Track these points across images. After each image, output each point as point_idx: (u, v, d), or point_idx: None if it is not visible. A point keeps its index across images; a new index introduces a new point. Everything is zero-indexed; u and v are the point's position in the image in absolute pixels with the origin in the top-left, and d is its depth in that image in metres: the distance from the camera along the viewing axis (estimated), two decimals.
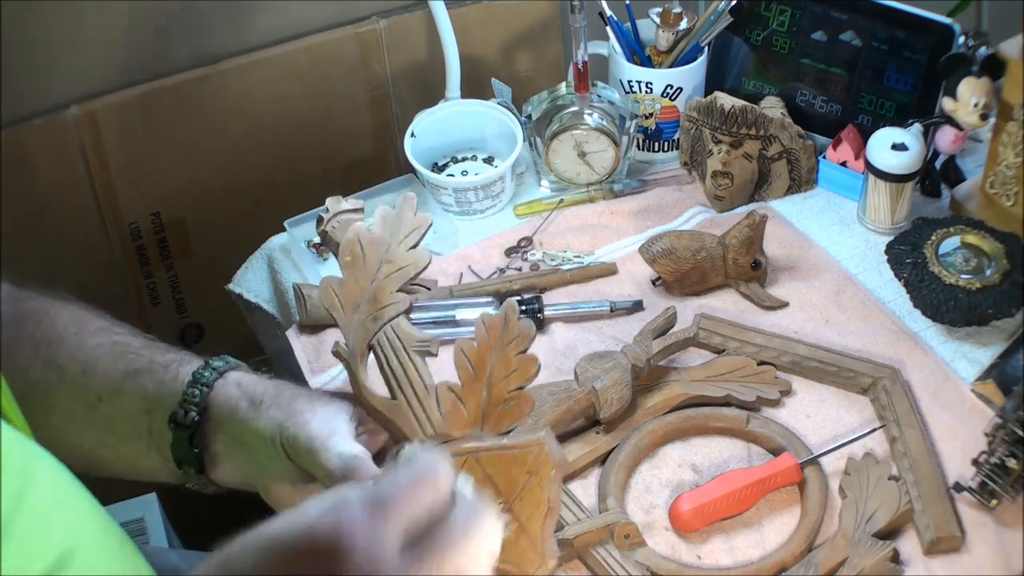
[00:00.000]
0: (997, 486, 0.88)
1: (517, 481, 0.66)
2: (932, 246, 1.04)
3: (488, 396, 0.67)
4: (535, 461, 0.66)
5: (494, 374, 0.68)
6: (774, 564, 0.86)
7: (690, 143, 1.19)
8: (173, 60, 1.30)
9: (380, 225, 0.76)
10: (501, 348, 0.69)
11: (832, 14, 1.18)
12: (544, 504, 0.66)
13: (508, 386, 0.68)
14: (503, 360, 0.68)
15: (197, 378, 0.78)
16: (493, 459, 0.67)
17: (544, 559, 0.65)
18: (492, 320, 0.69)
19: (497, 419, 0.68)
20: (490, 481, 0.67)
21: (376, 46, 1.36)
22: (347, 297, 0.75)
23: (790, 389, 1.00)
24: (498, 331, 0.69)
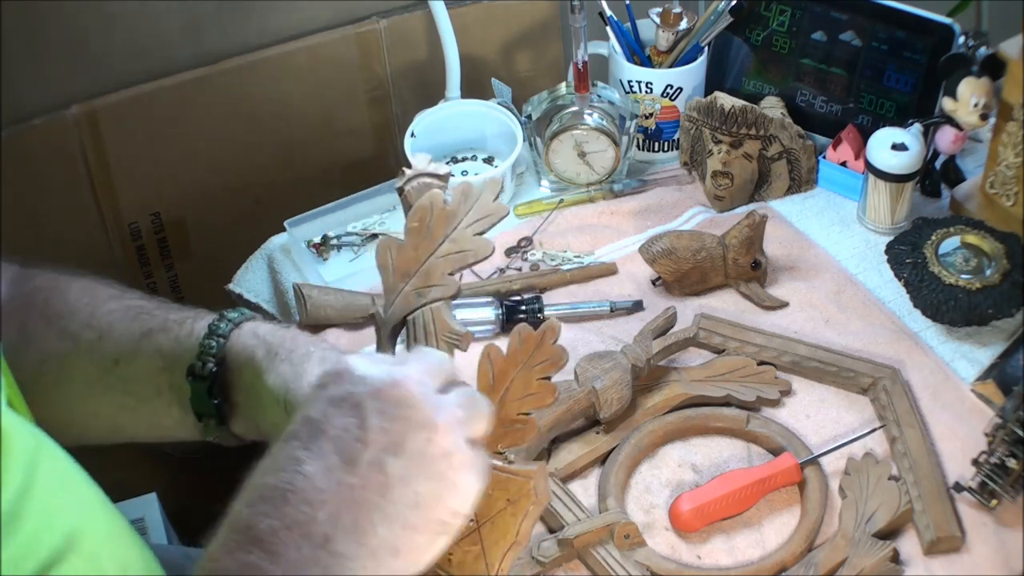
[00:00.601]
0: (997, 486, 0.88)
1: (494, 504, 0.64)
2: (932, 246, 1.04)
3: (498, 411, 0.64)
4: (518, 491, 0.64)
5: (511, 391, 0.66)
6: (774, 564, 0.86)
7: (690, 143, 1.19)
8: (173, 60, 1.29)
9: (458, 201, 0.73)
10: (527, 367, 0.66)
11: (832, 14, 1.18)
12: (513, 536, 0.64)
13: (520, 407, 0.65)
14: (524, 379, 0.65)
15: (213, 329, 0.77)
16: None
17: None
18: (529, 335, 0.66)
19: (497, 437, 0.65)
20: None
21: (376, 46, 1.36)
22: (401, 263, 0.72)
23: (790, 389, 1.00)
24: (531, 348, 0.66)
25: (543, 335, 0.65)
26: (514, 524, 0.64)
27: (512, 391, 0.66)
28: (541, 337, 0.65)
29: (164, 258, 1.39)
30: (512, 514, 0.64)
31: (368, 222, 1.21)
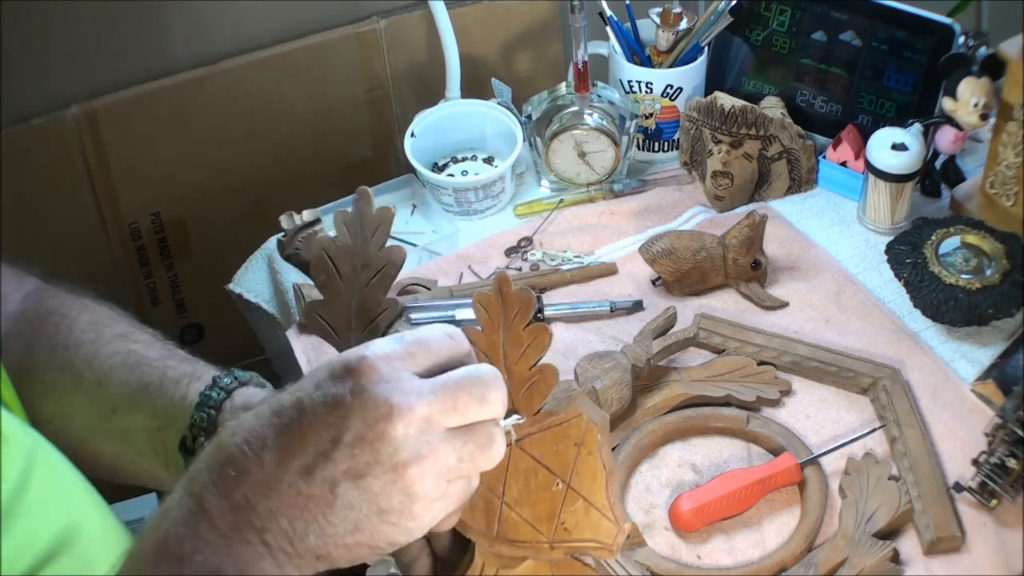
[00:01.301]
0: (997, 486, 0.88)
1: (567, 456, 0.63)
2: (932, 246, 1.04)
3: (510, 379, 0.63)
4: (578, 431, 0.63)
5: (508, 355, 0.64)
6: (774, 564, 0.86)
7: (690, 143, 1.19)
8: (173, 60, 1.30)
9: (343, 232, 0.72)
10: (506, 326, 0.65)
11: (832, 14, 1.18)
12: (600, 471, 0.63)
13: (527, 363, 0.64)
14: (512, 337, 0.64)
15: (204, 400, 0.76)
16: (536, 443, 0.64)
17: (620, 523, 0.63)
18: (487, 299, 0.65)
19: (527, 400, 0.64)
20: (540, 464, 0.64)
21: (376, 46, 1.36)
22: (335, 318, 0.71)
23: (790, 389, 1.00)
24: (498, 308, 0.65)
25: (499, 289, 0.64)
26: (596, 460, 0.63)
27: (509, 355, 0.65)
28: (500, 292, 0.64)
29: (164, 258, 1.39)
30: (588, 452, 0.63)
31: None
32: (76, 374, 0.80)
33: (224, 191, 1.37)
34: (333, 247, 0.71)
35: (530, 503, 0.64)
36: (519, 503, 0.64)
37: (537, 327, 0.64)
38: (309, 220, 0.77)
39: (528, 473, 0.64)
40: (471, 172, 1.24)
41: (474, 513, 0.64)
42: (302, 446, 0.54)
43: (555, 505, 0.63)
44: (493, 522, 0.64)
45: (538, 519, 0.64)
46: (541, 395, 0.64)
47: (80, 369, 0.80)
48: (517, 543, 0.64)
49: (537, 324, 0.64)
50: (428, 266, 1.15)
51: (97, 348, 0.80)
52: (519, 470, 0.64)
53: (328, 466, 0.54)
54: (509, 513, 0.64)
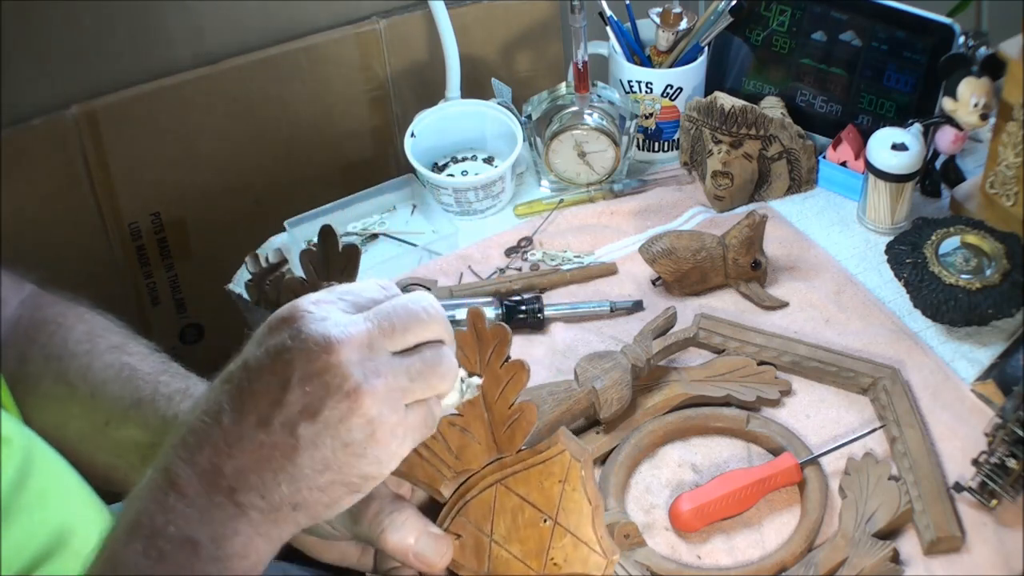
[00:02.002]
0: (997, 486, 0.88)
1: (552, 493, 0.64)
2: (932, 246, 1.04)
3: (491, 417, 0.64)
4: (561, 468, 0.64)
5: (487, 394, 0.64)
6: (774, 564, 0.86)
7: (690, 143, 1.19)
8: (173, 60, 1.29)
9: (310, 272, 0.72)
10: (483, 364, 0.64)
11: (832, 14, 1.18)
12: (586, 505, 0.64)
13: (506, 401, 0.64)
14: (490, 376, 0.64)
15: None
16: (520, 480, 0.65)
17: (608, 556, 0.64)
18: (463, 337, 0.64)
19: (508, 438, 0.65)
20: (526, 502, 0.65)
21: (376, 46, 1.36)
22: None
23: (790, 389, 1.00)
24: (473, 346, 0.64)
25: (473, 325, 0.64)
26: (581, 496, 0.64)
27: (488, 393, 0.64)
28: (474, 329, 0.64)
29: (164, 258, 1.39)
30: (573, 488, 0.64)
31: (368, 222, 1.21)
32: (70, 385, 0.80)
33: (224, 191, 1.37)
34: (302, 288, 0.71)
35: (519, 540, 0.65)
36: (508, 541, 0.65)
37: (514, 364, 0.63)
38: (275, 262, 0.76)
39: (515, 511, 0.65)
40: (471, 172, 1.24)
41: (464, 552, 0.65)
42: (254, 400, 0.55)
43: (543, 541, 0.64)
44: (484, 560, 0.65)
45: (528, 555, 0.64)
46: (523, 433, 0.65)
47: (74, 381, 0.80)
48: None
49: (514, 361, 0.63)
50: (428, 266, 1.15)
51: (91, 360, 0.80)
52: (506, 508, 0.65)
53: (283, 411, 0.54)
54: (499, 551, 0.65)
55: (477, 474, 0.66)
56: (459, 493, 0.66)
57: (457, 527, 0.65)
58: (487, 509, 0.65)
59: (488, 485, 0.65)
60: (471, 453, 0.66)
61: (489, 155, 1.27)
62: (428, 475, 0.66)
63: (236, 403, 0.55)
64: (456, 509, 0.66)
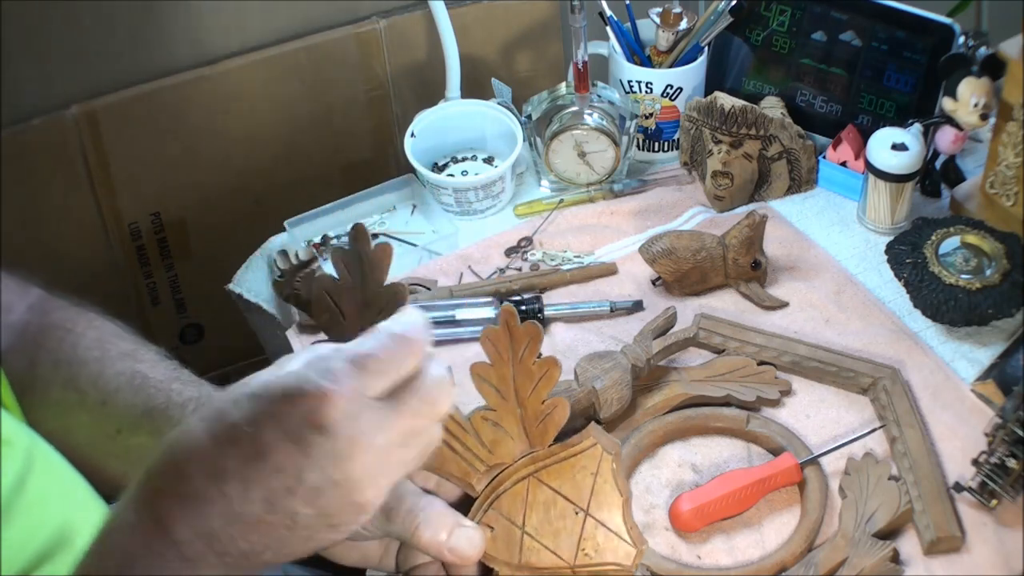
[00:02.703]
0: (997, 486, 0.88)
1: (584, 485, 0.66)
2: (932, 246, 1.04)
3: (524, 413, 0.65)
4: (593, 460, 0.66)
5: (520, 390, 0.65)
6: (774, 564, 0.86)
7: (690, 143, 1.19)
8: (173, 60, 1.30)
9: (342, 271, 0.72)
10: (516, 360, 0.65)
11: (832, 14, 1.18)
12: (617, 497, 0.66)
13: (539, 396, 0.65)
14: (523, 372, 0.65)
15: None
16: (553, 473, 0.66)
17: (638, 545, 0.65)
18: (495, 334, 0.65)
19: (541, 433, 0.66)
20: (559, 495, 0.66)
21: (376, 46, 1.36)
22: None
23: (790, 389, 1.00)
24: (506, 343, 0.65)
25: (506, 323, 0.64)
26: (612, 487, 0.66)
27: (521, 389, 0.66)
28: (506, 326, 0.64)
29: (164, 258, 1.39)
30: (604, 480, 0.66)
31: (368, 222, 1.21)
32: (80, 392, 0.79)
33: (224, 191, 1.37)
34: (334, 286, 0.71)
35: (551, 532, 0.66)
36: (540, 533, 0.66)
37: (547, 360, 0.65)
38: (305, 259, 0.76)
39: (547, 503, 0.66)
40: (471, 172, 1.24)
41: (497, 544, 0.66)
42: (266, 483, 0.54)
43: (575, 532, 0.66)
44: (515, 552, 0.66)
45: (559, 546, 0.66)
46: (555, 427, 0.66)
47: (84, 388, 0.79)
48: (540, 570, 0.66)
49: (548, 358, 0.65)
50: (428, 266, 1.15)
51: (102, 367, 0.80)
52: (538, 501, 0.66)
53: (290, 501, 0.54)
54: (531, 543, 0.66)
55: (509, 468, 0.67)
56: (491, 487, 0.67)
57: (489, 520, 0.67)
58: (520, 502, 0.66)
59: (521, 478, 0.66)
60: (504, 448, 0.67)
61: (489, 155, 1.27)
62: (461, 469, 0.67)
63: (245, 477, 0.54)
64: (488, 502, 0.67)
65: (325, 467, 0.54)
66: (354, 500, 0.55)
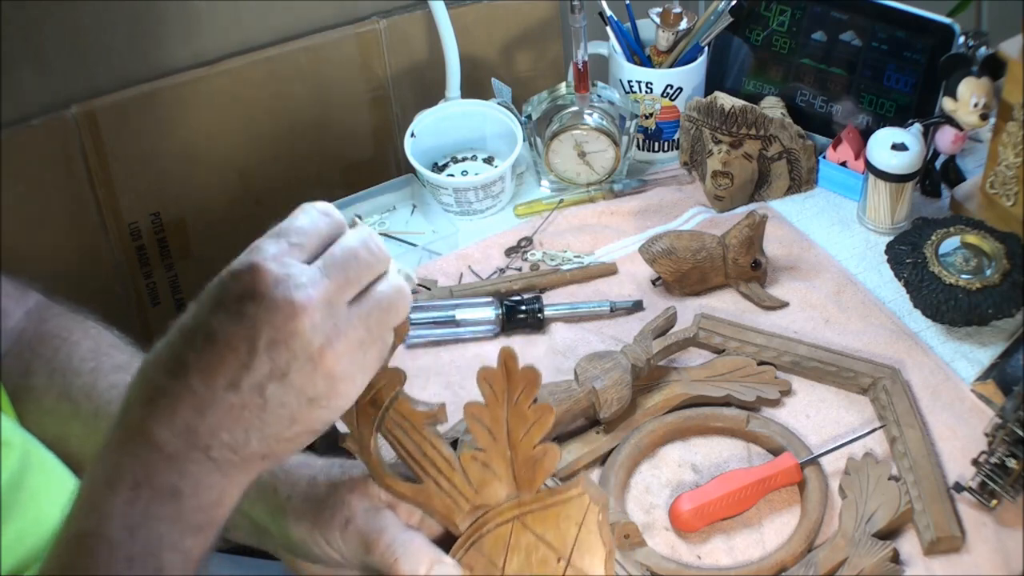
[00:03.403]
0: (997, 486, 0.88)
1: (568, 534, 0.65)
2: (932, 246, 1.04)
3: (514, 456, 0.65)
4: (579, 510, 0.65)
5: (512, 432, 0.65)
6: (774, 564, 0.86)
7: (690, 143, 1.19)
8: (173, 60, 1.29)
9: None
10: (510, 403, 0.64)
11: (832, 14, 1.18)
12: (601, 548, 0.65)
13: (531, 441, 0.65)
14: (517, 415, 0.64)
15: None
16: (538, 519, 0.66)
17: None
18: (492, 375, 0.64)
19: (529, 477, 0.65)
20: (542, 541, 0.65)
21: (376, 46, 1.36)
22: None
23: (790, 389, 1.00)
24: (502, 384, 0.64)
25: (504, 365, 0.64)
26: (596, 538, 0.65)
27: (513, 431, 0.65)
28: (504, 369, 0.64)
29: (164, 258, 1.38)
30: (588, 531, 0.65)
31: (368, 222, 1.21)
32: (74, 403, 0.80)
33: (224, 191, 1.37)
34: None
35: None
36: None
37: (542, 406, 0.64)
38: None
39: (529, 549, 0.65)
40: (471, 172, 1.24)
41: None
42: (222, 364, 0.56)
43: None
44: None
45: None
46: (544, 473, 0.65)
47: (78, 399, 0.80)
48: None
49: (542, 404, 0.64)
50: (428, 266, 1.15)
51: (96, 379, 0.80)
52: (520, 545, 0.65)
53: (251, 374, 0.56)
54: None
55: (494, 509, 0.66)
56: (475, 527, 0.67)
57: (470, 560, 0.66)
58: (502, 545, 0.66)
59: (505, 521, 0.66)
60: (491, 489, 0.66)
61: (489, 155, 1.27)
62: (445, 506, 0.67)
63: (204, 366, 0.56)
64: (471, 542, 0.66)
65: (271, 332, 0.56)
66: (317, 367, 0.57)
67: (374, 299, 0.59)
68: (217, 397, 0.56)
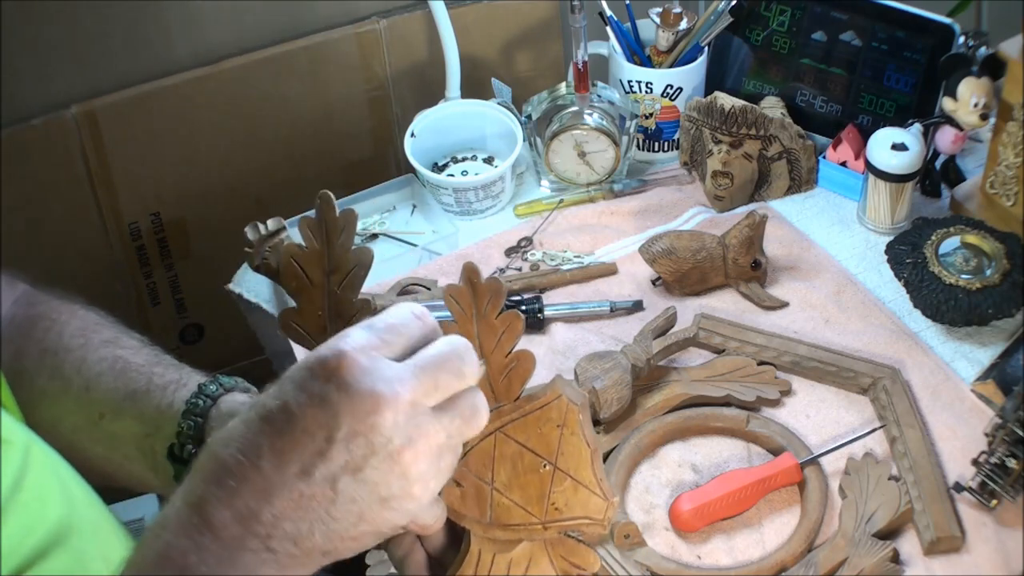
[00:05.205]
0: (997, 486, 0.88)
1: (551, 438, 0.65)
2: (932, 246, 1.04)
3: (488, 368, 0.64)
4: (559, 413, 0.65)
5: (484, 345, 0.65)
6: (774, 564, 0.86)
7: (690, 143, 1.19)
8: (173, 60, 1.29)
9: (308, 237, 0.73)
10: (479, 316, 0.65)
11: (832, 14, 1.18)
12: (585, 449, 0.65)
13: (503, 351, 0.65)
14: (486, 328, 0.64)
15: (191, 408, 0.76)
16: (519, 428, 0.65)
17: (608, 498, 0.64)
18: (458, 291, 0.65)
19: (506, 387, 0.65)
20: (526, 448, 0.65)
21: (376, 46, 1.36)
22: (310, 324, 0.71)
23: (790, 389, 1.00)
24: (469, 299, 0.65)
25: (468, 280, 0.64)
26: (579, 439, 0.64)
27: (485, 344, 0.65)
28: (470, 283, 0.64)
29: (164, 258, 1.39)
30: (571, 432, 0.64)
31: (368, 222, 1.21)
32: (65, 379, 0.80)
33: (224, 191, 1.37)
34: (301, 253, 0.72)
35: (519, 487, 0.65)
36: (509, 488, 0.65)
37: (509, 314, 0.64)
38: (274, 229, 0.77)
39: (514, 458, 0.65)
40: (471, 172, 1.24)
41: (466, 501, 0.65)
42: (297, 449, 0.54)
43: (544, 486, 0.65)
44: (485, 509, 0.65)
45: (529, 501, 0.65)
46: (520, 380, 0.65)
47: (68, 375, 0.80)
48: (511, 526, 0.65)
49: (509, 311, 0.64)
50: (428, 266, 1.15)
51: (85, 354, 0.80)
52: (505, 456, 0.65)
53: (325, 464, 0.54)
54: (500, 498, 0.65)
55: None
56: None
57: (458, 476, 0.66)
58: (487, 457, 0.65)
59: (487, 434, 0.65)
60: None
61: (489, 155, 1.27)
62: None
63: (278, 449, 0.54)
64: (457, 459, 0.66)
65: (352, 423, 0.54)
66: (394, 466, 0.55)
67: (457, 409, 0.58)
68: (287, 483, 0.54)
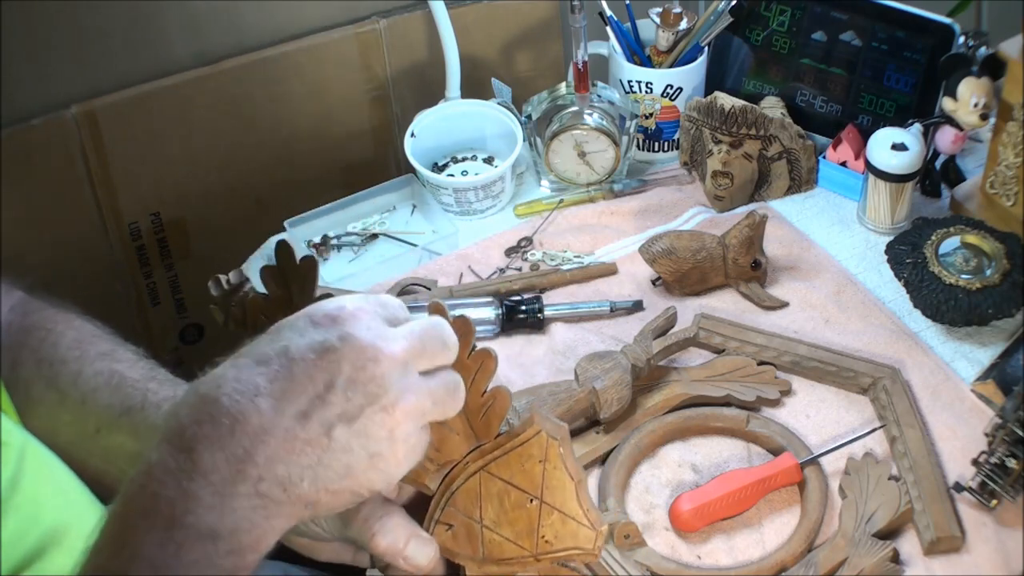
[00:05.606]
0: (997, 486, 0.88)
1: (534, 474, 0.65)
2: (932, 246, 1.04)
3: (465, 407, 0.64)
4: (540, 448, 0.65)
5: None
6: (774, 564, 0.86)
7: (690, 143, 1.19)
8: (173, 60, 1.29)
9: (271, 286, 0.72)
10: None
11: (832, 14, 1.18)
12: (569, 481, 0.65)
13: (478, 389, 0.65)
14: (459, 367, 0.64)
15: None
16: (502, 465, 0.66)
17: (596, 528, 0.65)
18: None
19: (485, 426, 0.66)
20: (511, 485, 0.66)
21: (376, 46, 1.36)
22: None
23: (790, 389, 1.00)
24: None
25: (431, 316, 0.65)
26: (563, 472, 0.65)
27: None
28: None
29: (164, 258, 1.39)
30: (554, 467, 0.65)
31: (368, 222, 1.21)
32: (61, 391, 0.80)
33: (224, 191, 1.37)
34: (265, 304, 0.72)
35: (508, 523, 0.65)
36: (498, 524, 0.66)
37: (480, 353, 0.64)
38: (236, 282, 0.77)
39: (501, 495, 0.66)
40: (471, 172, 1.24)
41: (458, 540, 0.66)
42: (297, 391, 0.55)
43: (532, 521, 0.65)
44: (477, 546, 0.66)
45: (519, 536, 0.65)
46: (498, 418, 0.65)
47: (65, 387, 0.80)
48: (504, 561, 0.66)
49: (481, 350, 0.64)
50: (428, 266, 1.15)
51: (81, 367, 0.80)
52: (491, 493, 0.66)
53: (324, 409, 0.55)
54: (491, 535, 0.66)
55: (459, 464, 0.67)
56: (445, 484, 0.67)
57: (448, 517, 0.66)
58: (474, 496, 0.66)
59: (472, 473, 0.66)
60: (451, 444, 0.66)
61: (489, 155, 1.27)
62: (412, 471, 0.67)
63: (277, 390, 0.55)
64: (445, 500, 0.67)
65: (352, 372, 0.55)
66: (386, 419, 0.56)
67: (441, 379, 0.60)
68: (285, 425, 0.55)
